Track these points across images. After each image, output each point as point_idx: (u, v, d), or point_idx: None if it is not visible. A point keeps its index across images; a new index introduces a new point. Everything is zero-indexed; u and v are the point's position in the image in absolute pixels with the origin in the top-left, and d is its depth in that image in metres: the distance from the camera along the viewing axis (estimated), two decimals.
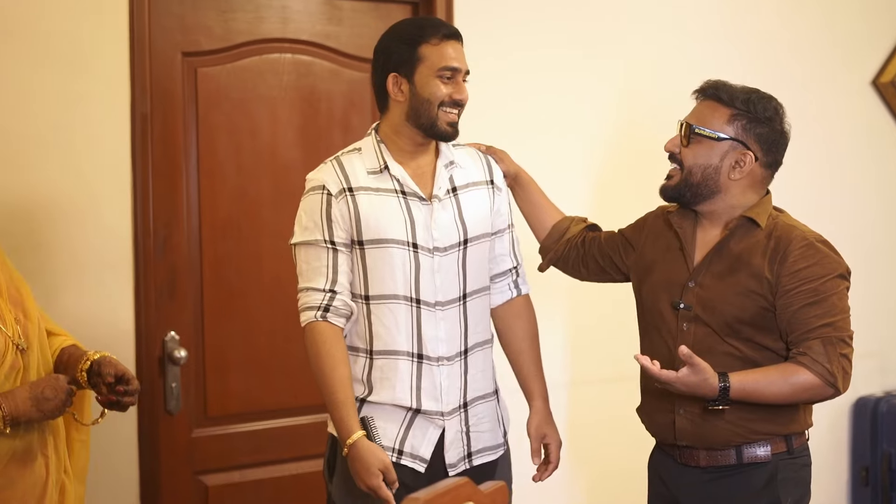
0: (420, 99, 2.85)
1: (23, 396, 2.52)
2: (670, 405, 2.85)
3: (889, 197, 5.14)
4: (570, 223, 3.20)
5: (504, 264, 3.06)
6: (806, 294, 2.72)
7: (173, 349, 3.64)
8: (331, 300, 2.82)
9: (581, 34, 4.33)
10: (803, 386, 2.68)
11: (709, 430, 2.79)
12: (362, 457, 2.73)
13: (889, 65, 5.05)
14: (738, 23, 4.69)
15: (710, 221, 2.88)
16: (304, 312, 2.85)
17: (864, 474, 4.97)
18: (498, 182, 3.05)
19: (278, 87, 3.85)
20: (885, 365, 5.07)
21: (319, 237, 2.84)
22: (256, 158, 3.81)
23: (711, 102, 2.85)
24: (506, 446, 3.03)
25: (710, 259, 2.83)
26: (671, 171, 2.89)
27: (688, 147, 2.84)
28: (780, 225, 2.82)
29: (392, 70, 2.88)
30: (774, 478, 2.79)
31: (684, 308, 2.82)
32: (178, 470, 3.69)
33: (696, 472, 2.85)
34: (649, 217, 3.10)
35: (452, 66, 2.86)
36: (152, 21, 3.60)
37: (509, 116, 4.14)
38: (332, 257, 2.84)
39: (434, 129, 2.87)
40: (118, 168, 3.54)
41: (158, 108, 3.63)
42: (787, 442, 2.81)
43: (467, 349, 2.92)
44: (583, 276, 3.21)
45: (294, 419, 3.87)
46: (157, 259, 3.63)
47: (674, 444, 2.88)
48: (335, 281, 2.83)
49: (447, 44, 2.87)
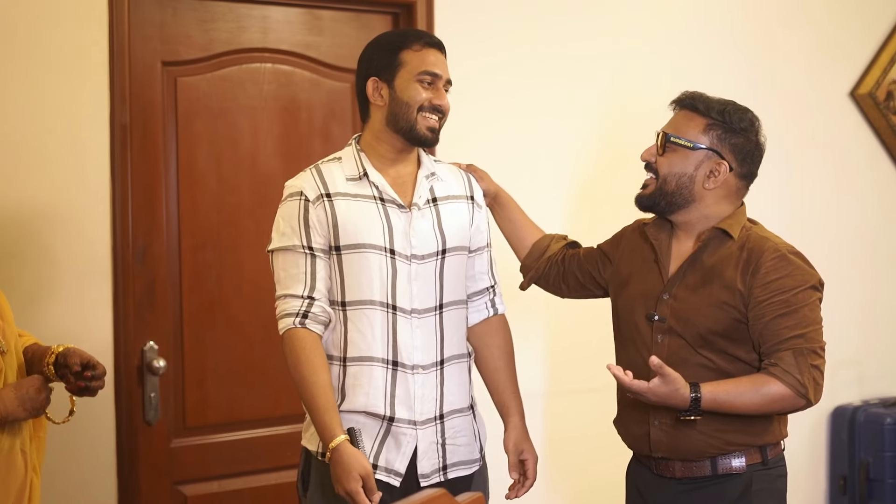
0: (399, 102, 2.86)
1: (10, 397, 2.63)
2: (645, 416, 2.85)
3: (867, 207, 5.17)
4: (550, 241, 3.21)
5: (482, 283, 3.06)
6: (778, 305, 2.73)
7: (152, 359, 3.63)
8: (309, 307, 2.82)
9: (563, 48, 4.34)
10: (773, 397, 2.69)
11: (683, 442, 2.80)
12: (344, 461, 2.71)
13: (867, 76, 5.08)
14: (717, 34, 4.71)
15: (685, 233, 2.89)
16: (283, 319, 2.84)
17: (841, 483, 4.99)
18: (478, 199, 3.05)
19: (259, 96, 3.85)
20: (862, 374, 5.10)
21: (297, 243, 2.83)
22: (237, 168, 3.81)
23: (687, 112, 2.87)
24: (482, 462, 3.02)
25: (684, 271, 2.84)
26: (647, 181, 2.90)
27: (663, 156, 2.86)
28: (753, 237, 2.83)
29: (373, 75, 2.89)
30: (749, 489, 2.79)
31: (658, 320, 2.83)
32: (157, 480, 3.68)
33: (671, 483, 2.86)
34: (626, 231, 3.11)
35: (433, 72, 2.86)
36: (132, 30, 3.59)
37: (491, 130, 4.16)
38: (311, 263, 2.83)
39: (413, 132, 2.87)
40: (97, 178, 3.53)
41: (138, 118, 3.62)
42: (762, 453, 2.82)
43: (444, 360, 2.91)
44: (563, 293, 3.22)
45: (273, 429, 3.86)
46: (137, 269, 3.62)
47: (649, 456, 2.88)
48: (313, 287, 2.82)
49: (429, 51, 2.88)
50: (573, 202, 4.37)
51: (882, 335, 5.19)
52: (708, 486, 2.82)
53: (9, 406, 2.63)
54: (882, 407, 4.97)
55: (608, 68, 4.45)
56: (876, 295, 5.18)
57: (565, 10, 4.35)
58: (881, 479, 4.86)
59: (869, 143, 5.15)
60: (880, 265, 5.21)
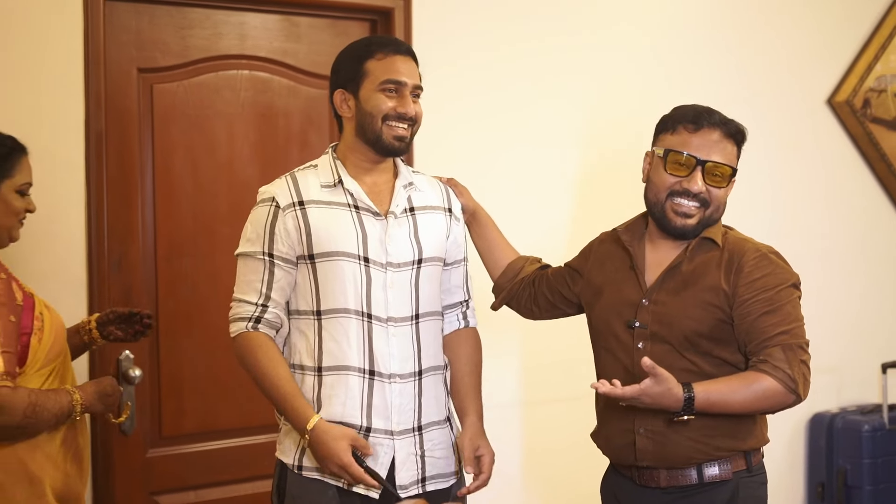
0: (364, 113, 2.85)
1: (91, 391, 2.93)
2: (630, 425, 2.84)
3: (843, 215, 5.19)
4: (524, 263, 3.20)
5: (456, 296, 3.06)
6: (762, 303, 2.74)
7: (128, 368, 3.60)
8: (262, 313, 2.82)
9: (543, 52, 4.34)
10: (765, 393, 2.68)
11: (670, 448, 2.79)
12: (324, 438, 2.70)
13: (844, 84, 5.10)
14: (696, 41, 4.72)
15: (666, 240, 2.89)
16: (236, 323, 2.85)
17: (819, 490, 5.00)
18: (456, 212, 3.04)
19: (235, 103, 3.83)
20: (840, 381, 5.11)
21: (259, 249, 2.83)
22: (213, 175, 3.79)
23: (728, 140, 2.83)
24: (460, 475, 3.00)
25: (664, 277, 2.84)
26: (690, 210, 2.82)
27: (723, 189, 2.83)
28: (732, 239, 2.85)
29: (340, 86, 2.89)
30: (736, 496, 2.79)
31: (640, 326, 2.82)
32: (133, 491, 3.65)
33: (656, 493, 2.84)
34: (594, 244, 3.11)
35: (395, 80, 2.84)
36: (108, 36, 3.57)
37: (470, 134, 4.15)
38: (269, 272, 2.83)
39: (380, 143, 2.85)
40: (73, 185, 3.51)
41: (114, 125, 3.60)
42: (747, 459, 2.82)
43: (422, 371, 2.89)
44: (535, 315, 3.21)
45: (250, 439, 3.84)
46: (113, 277, 3.60)
47: (633, 466, 2.87)
48: (268, 297, 2.83)
49: (394, 58, 2.86)
50: (554, 203, 4.37)
51: (860, 342, 5.20)
52: (693, 495, 2.81)
53: (90, 399, 2.91)
54: (860, 414, 4.99)
55: (588, 73, 4.45)
56: (853, 302, 5.20)
57: (544, 14, 4.35)
58: (859, 486, 4.87)
59: (846, 150, 5.17)
60: (858, 272, 5.22)
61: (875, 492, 4.87)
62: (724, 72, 4.77)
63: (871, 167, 5.23)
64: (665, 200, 2.82)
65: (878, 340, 5.25)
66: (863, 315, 5.23)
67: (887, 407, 4.97)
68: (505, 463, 3.95)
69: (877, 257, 5.29)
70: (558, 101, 4.38)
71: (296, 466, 2.83)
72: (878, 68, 5.17)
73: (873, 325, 5.27)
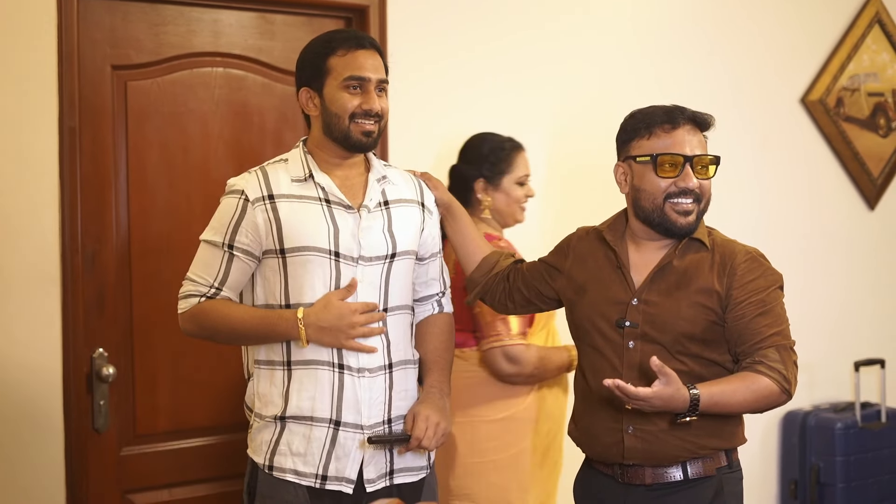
0: (330, 113, 2.85)
1: None
2: (618, 424, 2.84)
3: (817, 213, 5.22)
4: (499, 257, 3.20)
5: (433, 288, 3.07)
6: (755, 305, 2.76)
7: (101, 366, 3.59)
8: (215, 294, 2.85)
9: (519, 50, 4.35)
10: (763, 392, 2.70)
11: (659, 447, 2.80)
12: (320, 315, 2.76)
13: (817, 83, 5.13)
14: (669, 40, 4.73)
15: (652, 240, 2.89)
16: (186, 300, 2.87)
17: (792, 487, 5.02)
18: (429, 205, 3.05)
19: (210, 101, 3.82)
20: (813, 379, 5.14)
21: (220, 240, 2.84)
22: (187, 173, 3.78)
23: (694, 128, 2.84)
24: (430, 469, 2.99)
25: (653, 277, 2.85)
26: (689, 207, 2.82)
27: (709, 179, 2.86)
28: (719, 241, 2.87)
29: (304, 84, 2.89)
30: (721, 491, 2.82)
31: (630, 326, 2.82)
32: (107, 489, 3.64)
33: (640, 490, 2.85)
34: (572, 239, 3.09)
35: (358, 76, 2.83)
36: (81, 33, 3.55)
37: (446, 132, 4.14)
38: (227, 262, 2.84)
39: (348, 140, 2.85)
40: (46, 183, 3.49)
41: (87, 122, 3.58)
42: (728, 456, 2.85)
43: (392, 364, 2.89)
44: (509, 309, 3.21)
45: (224, 436, 3.83)
46: (86, 275, 3.58)
47: (617, 464, 2.87)
48: (223, 282, 2.85)
49: (356, 54, 2.85)
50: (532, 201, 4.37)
51: (833, 340, 5.23)
52: (679, 491, 2.82)
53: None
54: (832, 412, 5.02)
55: (564, 71, 4.46)
56: (826, 300, 5.23)
57: (521, 11, 4.36)
58: (832, 484, 4.90)
59: (819, 149, 5.20)
60: (831, 271, 5.25)
61: (847, 489, 4.90)
62: (699, 70, 4.79)
63: (843, 166, 5.26)
64: (663, 204, 2.81)
65: (851, 338, 5.29)
66: (836, 313, 5.26)
67: (860, 405, 5.00)
68: None
69: (850, 255, 5.33)
70: (534, 96, 4.38)
71: (266, 466, 2.83)
72: (851, 67, 5.20)
73: (846, 323, 5.30)
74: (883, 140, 5.35)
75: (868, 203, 5.35)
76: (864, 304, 5.37)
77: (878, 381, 5.18)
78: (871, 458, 4.98)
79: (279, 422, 2.82)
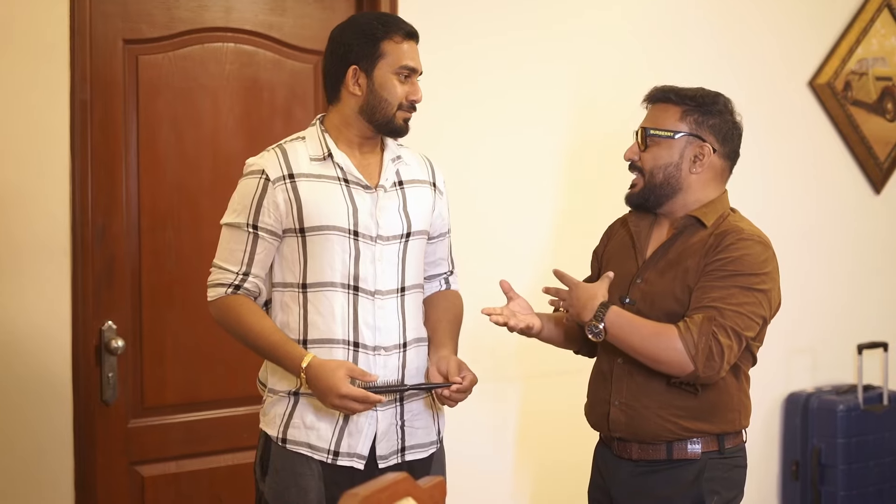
0: (378, 97, 2.85)
1: None
2: (607, 396, 2.90)
3: (824, 198, 5.22)
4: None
5: (442, 268, 3.10)
6: (714, 277, 2.75)
7: (110, 339, 3.61)
8: (242, 281, 2.86)
9: (533, 33, 4.34)
10: (665, 346, 2.69)
11: (639, 423, 2.84)
12: (320, 374, 2.72)
13: (826, 66, 5.13)
14: (677, 24, 4.73)
15: (669, 220, 2.93)
16: (215, 288, 2.88)
17: (794, 468, 5.05)
18: (440, 185, 3.07)
19: (220, 76, 3.83)
20: (815, 361, 5.16)
21: (244, 221, 2.85)
22: (197, 148, 3.79)
23: (662, 105, 2.91)
24: (439, 445, 3.02)
25: (656, 256, 2.88)
26: (634, 180, 2.94)
27: (646, 151, 2.89)
28: (726, 223, 2.86)
29: (353, 63, 2.86)
30: (701, 475, 2.82)
31: (628, 303, 2.85)
32: (114, 461, 3.66)
33: (629, 464, 2.90)
34: (615, 224, 3.14)
35: (411, 66, 2.87)
36: (93, 7, 3.56)
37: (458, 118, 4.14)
38: (252, 244, 2.85)
39: (390, 125, 2.88)
40: (57, 155, 3.50)
41: (99, 96, 3.59)
42: (720, 442, 2.85)
43: (406, 343, 2.91)
44: None
45: (231, 410, 3.85)
46: (96, 248, 3.60)
47: (610, 436, 2.93)
48: (249, 268, 2.86)
49: (408, 43, 2.88)
50: (545, 192, 4.39)
51: (836, 323, 5.25)
52: (661, 470, 2.85)
53: None
54: (835, 394, 5.04)
55: (571, 59, 4.45)
56: (830, 283, 5.24)
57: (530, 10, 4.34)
58: (833, 465, 4.92)
59: (826, 132, 5.20)
60: (835, 254, 5.26)
61: (848, 471, 4.93)
62: (707, 54, 4.79)
63: (850, 150, 5.26)
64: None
65: (854, 321, 5.30)
66: (839, 296, 5.28)
67: (862, 387, 5.02)
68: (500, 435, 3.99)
69: (855, 239, 5.33)
70: (543, 87, 4.38)
71: (280, 439, 2.85)
72: (860, 51, 5.20)
73: (849, 306, 5.31)
74: (890, 124, 5.35)
75: (874, 187, 5.36)
76: (869, 287, 5.38)
77: (880, 364, 5.20)
78: (872, 440, 5.00)
79: (293, 396, 2.84)
